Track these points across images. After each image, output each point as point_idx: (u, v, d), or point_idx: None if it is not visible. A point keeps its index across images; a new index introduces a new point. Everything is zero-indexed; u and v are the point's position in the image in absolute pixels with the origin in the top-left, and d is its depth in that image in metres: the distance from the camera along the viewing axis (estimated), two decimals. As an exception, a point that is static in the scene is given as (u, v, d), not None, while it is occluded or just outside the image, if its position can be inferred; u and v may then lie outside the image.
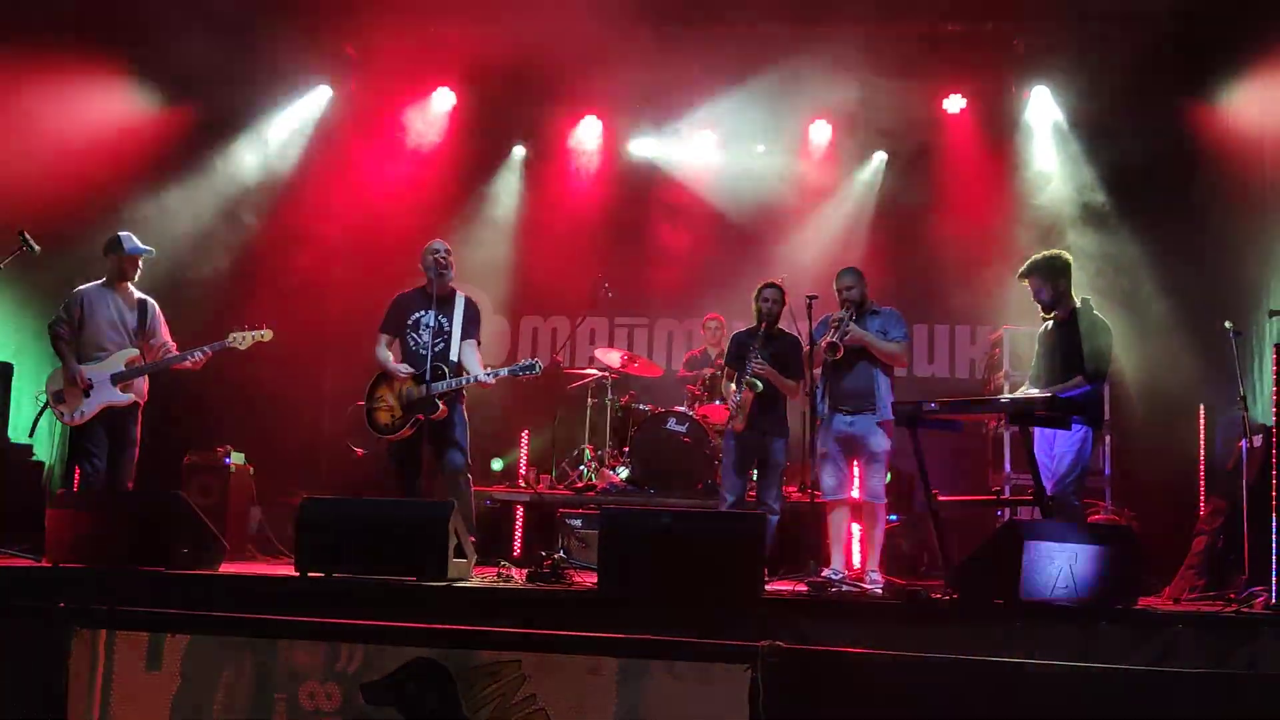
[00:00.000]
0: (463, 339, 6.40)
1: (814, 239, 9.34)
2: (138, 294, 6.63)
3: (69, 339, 6.40)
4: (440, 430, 6.29)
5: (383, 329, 6.52)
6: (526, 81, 9.12)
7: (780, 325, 6.67)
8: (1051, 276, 5.96)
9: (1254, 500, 5.71)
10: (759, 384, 6.40)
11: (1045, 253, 6.06)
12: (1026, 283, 6.02)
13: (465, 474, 6.34)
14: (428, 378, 6.22)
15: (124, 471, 6.44)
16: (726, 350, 6.92)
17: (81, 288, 6.53)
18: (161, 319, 6.68)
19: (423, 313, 6.41)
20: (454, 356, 6.33)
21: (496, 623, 4.53)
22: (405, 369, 6.31)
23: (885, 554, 6.47)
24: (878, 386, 6.23)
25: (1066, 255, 6.04)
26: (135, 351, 6.49)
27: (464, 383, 6.27)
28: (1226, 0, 7.79)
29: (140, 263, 6.58)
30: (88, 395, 6.32)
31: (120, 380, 6.40)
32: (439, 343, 6.32)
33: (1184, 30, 7.92)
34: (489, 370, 6.33)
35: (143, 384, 6.55)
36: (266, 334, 6.53)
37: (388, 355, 6.44)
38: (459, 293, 6.54)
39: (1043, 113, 9.06)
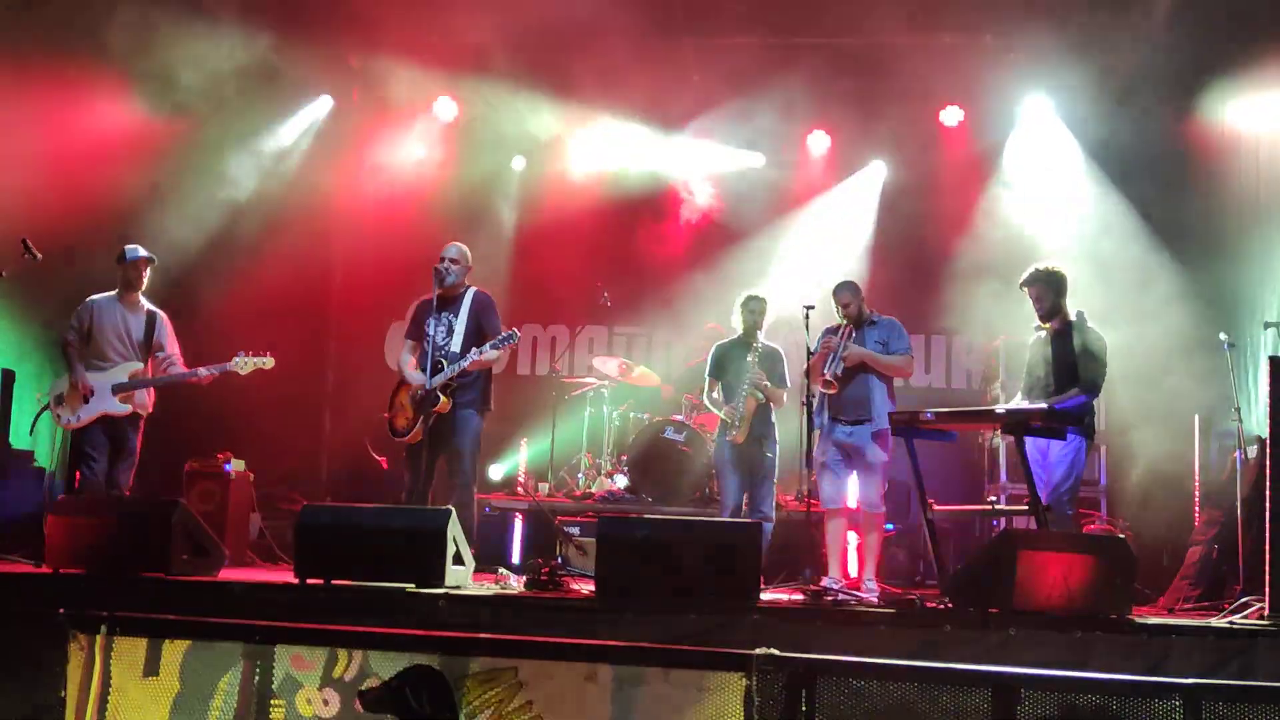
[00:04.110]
0: (478, 337, 6.40)
1: (812, 249, 9.37)
2: (148, 305, 6.70)
3: (77, 347, 6.52)
4: (446, 436, 6.33)
5: (407, 335, 6.65)
6: (527, 91, 9.17)
7: (776, 336, 6.74)
8: (1052, 287, 6.04)
9: (1248, 511, 5.76)
10: (760, 394, 6.48)
11: (1046, 265, 6.13)
12: (1027, 291, 6.09)
13: (469, 482, 6.37)
14: (429, 374, 6.28)
15: (122, 479, 6.52)
16: (709, 361, 6.90)
17: (92, 298, 6.62)
18: (170, 332, 6.75)
19: (434, 316, 6.47)
20: (456, 349, 6.36)
21: (494, 630, 4.57)
22: (417, 376, 6.36)
23: (882, 563, 6.51)
24: (875, 396, 6.26)
25: (1062, 270, 6.12)
26: (139, 365, 6.56)
27: (455, 370, 6.27)
28: (1219, 11, 7.83)
29: (145, 269, 6.63)
30: (86, 402, 6.41)
31: (120, 391, 6.47)
32: (445, 341, 6.38)
33: (1178, 41, 7.97)
34: (475, 351, 6.33)
35: (146, 396, 6.60)
36: (268, 361, 6.64)
37: (407, 360, 6.57)
38: (469, 288, 6.59)
39: (1039, 124, 9.10)
